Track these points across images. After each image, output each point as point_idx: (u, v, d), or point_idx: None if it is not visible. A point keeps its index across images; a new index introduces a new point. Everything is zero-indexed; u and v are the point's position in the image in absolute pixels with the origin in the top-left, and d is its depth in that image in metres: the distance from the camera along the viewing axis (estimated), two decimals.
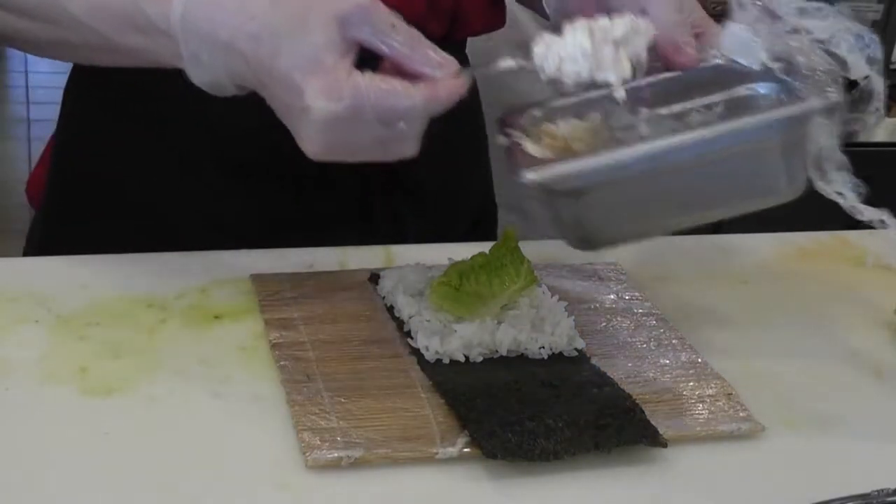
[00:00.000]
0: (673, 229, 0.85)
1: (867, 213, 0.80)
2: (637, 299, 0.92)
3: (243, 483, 0.69)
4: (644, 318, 0.90)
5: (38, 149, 1.16)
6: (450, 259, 0.87)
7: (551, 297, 0.86)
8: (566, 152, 0.83)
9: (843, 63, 0.81)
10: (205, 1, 0.77)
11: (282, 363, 0.80)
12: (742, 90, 0.85)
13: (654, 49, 0.84)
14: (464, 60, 1.14)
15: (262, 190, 1.01)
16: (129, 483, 0.68)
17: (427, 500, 0.70)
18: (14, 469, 0.69)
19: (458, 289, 0.82)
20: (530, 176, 0.78)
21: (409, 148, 0.77)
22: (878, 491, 0.70)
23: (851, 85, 0.81)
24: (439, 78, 0.76)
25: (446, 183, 1.09)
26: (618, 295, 0.93)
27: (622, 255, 1.00)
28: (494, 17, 1.08)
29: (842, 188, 0.79)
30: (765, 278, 1.00)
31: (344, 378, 0.78)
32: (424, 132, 0.76)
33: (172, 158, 1.01)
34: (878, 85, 0.81)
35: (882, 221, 0.79)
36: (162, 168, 1.01)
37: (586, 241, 0.84)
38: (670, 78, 0.86)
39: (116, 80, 0.95)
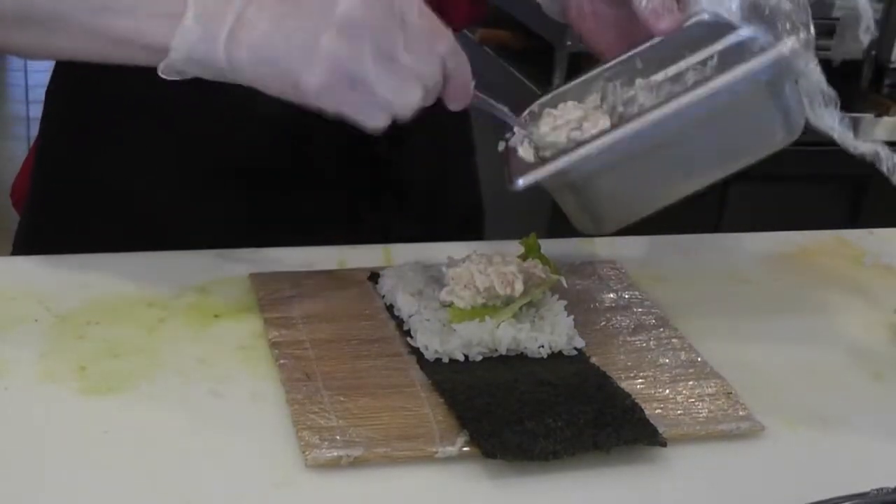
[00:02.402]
0: (684, 195, 0.84)
1: (861, 146, 0.79)
2: (637, 299, 0.92)
3: (243, 482, 0.69)
4: (644, 318, 0.90)
5: None
6: (449, 258, 0.87)
7: (551, 296, 0.86)
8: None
9: None
10: None
11: (281, 362, 0.80)
12: (730, 39, 0.85)
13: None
14: None
15: (247, 193, 1.01)
16: (128, 482, 0.68)
17: (426, 499, 0.70)
18: (13, 468, 0.69)
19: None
20: (520, 182, 0.79)
21: (412, 96, 0.75)
22: (877, 490, 0.70)
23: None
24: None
25: (434, 188, 1.09)
26: (618, 294, 0.93)
27: (622, 254, 1.00)
28: (476, 11, 1.08)
29: (832, 123, 0.79)
30: (765, 278, 1.00)
31: (343, 377, 0.78)
32: (412, 138, 0.76)
33: (154, 159, 1.00)
34: (864, 4, 0.81)
35: (877, 153, 0.79)
36: (144, 169, 1.01)
37: (597, 225, 0.85)
38: (658, 43, 0.86)
39: (101, 79, 0.94)
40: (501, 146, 0.85)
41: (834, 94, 0.79)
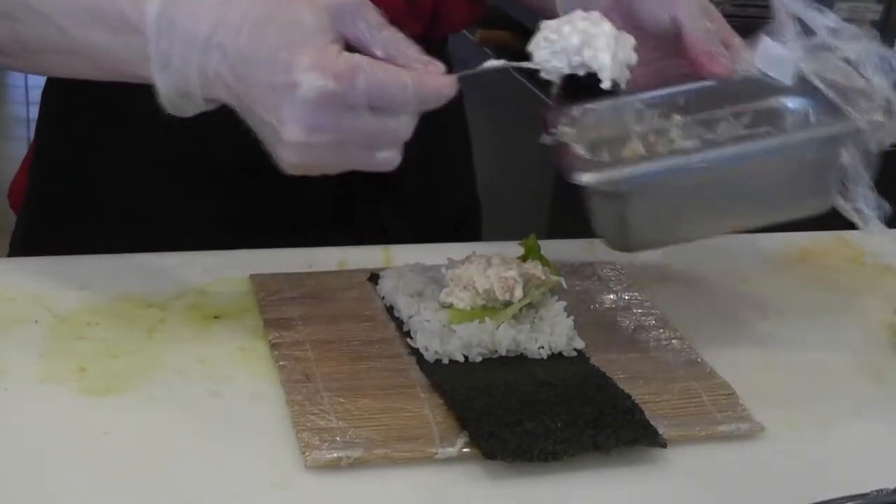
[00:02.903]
0: (706, 236, 0.87)
1: (882, 236, 0.81)
2: (637, 299, 0.92)
3: (242, 483, 0.69)
4: (644, 318, 0.90)
5: None
6: (449, 259, 0.87)
7: (551, 297, 0.86)
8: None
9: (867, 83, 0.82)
10: None
11: (281, 363, 0.80)
12: (771, 103, 0.87)
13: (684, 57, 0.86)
14: (445, 59, 1.14)
15: (245, 193, 1.01)
16: (128, 483, 0.68)
17: (426, 499, 0.70)
18: (13, 469, 0.69)
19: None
20: (585, 178, 0.80)
21: (392, 154, 0.74)
22: (877, 491, 0.70)
23: None
24: (429, 71, 0.74)
25: (431, 188, 1.09)
26: (618, 295, 0.93)
27: (622, 255, 1.00)
28: (474, 11, 1.08)
29: (864, 207, 0.81)
30: (765, 278, 1.00)
31: (343, 378, 0.78)
32: (409, 140, 0.75)
33: (151, 159, 1.00)
34: (893, 96, 0.82)
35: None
36: (141, 169, 1.00)
37: (624, 243, 0.86)
38: (702, 86, 0.88)
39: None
40: (547, 140, 0.85)
41: (868, 178, 0.82)
